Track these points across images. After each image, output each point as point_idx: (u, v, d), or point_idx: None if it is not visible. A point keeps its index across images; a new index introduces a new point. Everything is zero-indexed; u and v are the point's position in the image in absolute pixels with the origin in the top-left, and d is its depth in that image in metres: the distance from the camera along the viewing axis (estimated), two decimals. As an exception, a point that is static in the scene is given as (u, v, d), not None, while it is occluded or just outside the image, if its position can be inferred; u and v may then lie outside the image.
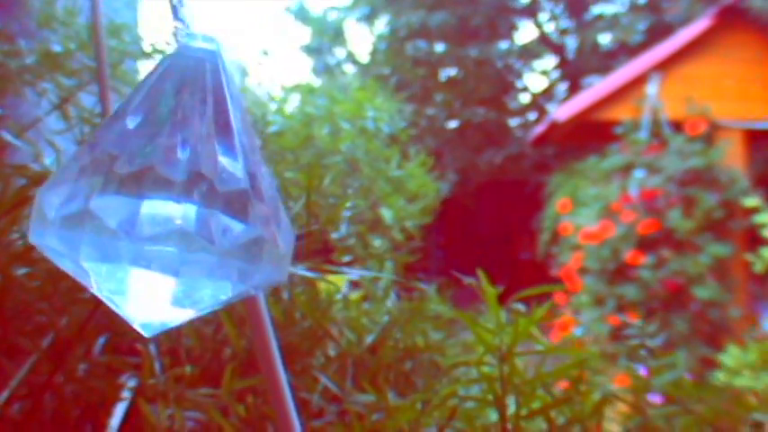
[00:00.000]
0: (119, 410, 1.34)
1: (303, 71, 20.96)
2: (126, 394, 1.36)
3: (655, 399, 1.60)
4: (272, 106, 2.35)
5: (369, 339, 1.64)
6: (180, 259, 0.66)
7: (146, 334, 0.72)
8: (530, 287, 1.47)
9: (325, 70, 20.26)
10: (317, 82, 19.89)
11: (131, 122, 0.67)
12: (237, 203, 0.69)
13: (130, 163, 0.65)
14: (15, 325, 1.36)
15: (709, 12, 10.28)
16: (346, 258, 2.14)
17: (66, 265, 0.69)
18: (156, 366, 1.33)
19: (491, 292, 1.39)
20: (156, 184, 0.65)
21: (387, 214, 2.23)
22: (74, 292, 1.36)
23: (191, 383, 1.30)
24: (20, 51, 1.67)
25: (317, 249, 1.84)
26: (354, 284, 2.19)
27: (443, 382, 1.57)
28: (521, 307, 1.55)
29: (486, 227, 18.30)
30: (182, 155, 0.66)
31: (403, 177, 2.44)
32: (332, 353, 1.62)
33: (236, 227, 0.68)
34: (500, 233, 17.86)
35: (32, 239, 0.69)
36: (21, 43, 1.70)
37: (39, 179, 1.35)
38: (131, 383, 1.37)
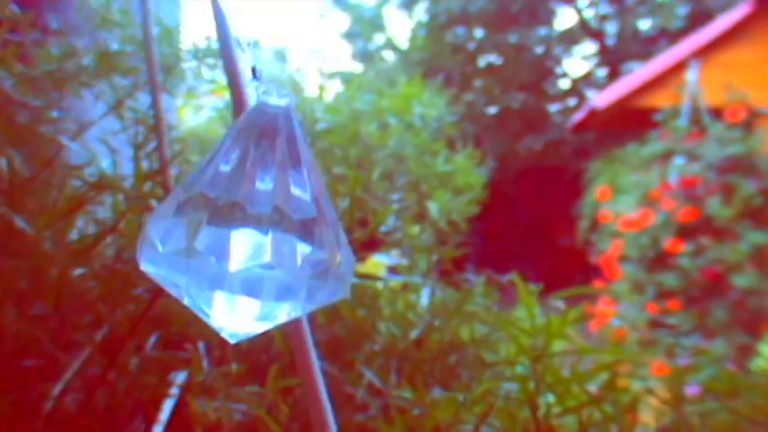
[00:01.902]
0: (168, 405, 1.41)
1: (343, 57, 21.02)
2: (175, 390, 1.43)
3: (693, 390, 1.63)
4: (320, 105, 2.40)
5: (413, 334, 1.67)
6: (262, 283, 0.79)
7: (232, 341, 0.86)
8: (569, 273, 1.53)
9: (365, 56, 20.29)
10: (356, 68, 19.94)
11: (223, 167, 0.82)
12: (307, 229, 0.82)
13: (221, 200, 0.80)
14: (73, 322, 1.43)
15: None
16: (393, 251, 2.21)
17: (171, 289, 0.83)
18: (205, 363, 1.41)
19: (527, 293, 1.44)
20: (243, 217, 0.79)
21: (433, 208, 2.29)
22: (128, 292, 1.43)
23: (237, 380, 1.35)
24: (76, 52, 1.73)
25: (364, 243, 1.91)
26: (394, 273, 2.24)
27: (485, 377, 1.61)
28: (559, 304, 1.58)
29: (526, 213, 18.28)
30: (263, 192, 0.80)
31: (450, 172, 2.49)
32: (377, 347, 1.65)
33: (307, 250, 0.81)
34: (540, 219, 17.84)
35: (144, 267, 0.82)
36: (77, 43, 1.77)
37: (96, 183, 1.43)
38: (180, 379, 1.45)
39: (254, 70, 0.89)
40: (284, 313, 0.84)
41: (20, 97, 1.51)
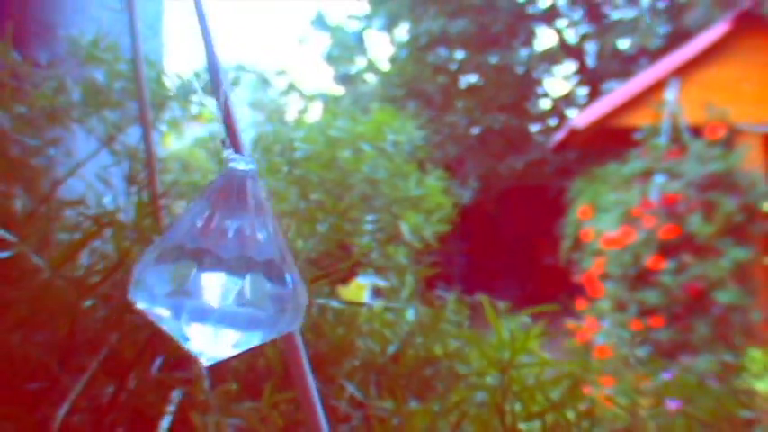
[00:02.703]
0: (166, 421, 1.49)
1: (324, 80, 21.11)
2: (174, 408, 1.51)
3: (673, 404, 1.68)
4: (297, 133, 2.45)
5: (391, 349, 1.77)
6: (232, 316, 0.96)
7: (208, 364, 1.02)
8: (553, 292, 1.62)
9: (347, 79, 20.36)
10: (338, 91, 20.01)
11: (198, 221, 0.99)
12: (270, 269, 0.99)
13: (198, 249, 0.97)
14: (85, 349, 1.49)
15: (727, 16, 10.32)
16: (369, 271, 2.28)
17: (160, 324, 0.99)
18: (205, 383, 1.49)
19: (492, 311, 1.53)
20: (216, 262, 0.96)
21: (406, 229, 2.34)
22: (134, 321, 1.51)
23: (234, 397, 1.46)
24: (66, 88, 1.77)
25: (342, 265, 1.99)
26: (377, 294, 2.32)
27: (458, 388, 1.70)
28: (528, 320, 1.69)
29: (509, 232, 18.35)
30: (232, 240, 0.98)
31: (421, 194, 2.54)
32: (357, 363, 1.75)
33: (270, 288, 0.99)
34: (523, 239, 17.91)
35: (139, 306, 0.98)
36: (67, 80, 1.80)
37: (102, 218, 1.48)
38: (179, 397, 1.52)
39: (223, 141, 1.08)
40: (253, 341, 1.00)
41: (16, 135, 1.55)
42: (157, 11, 3.19)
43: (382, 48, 19.96)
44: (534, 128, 19.00)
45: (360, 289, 2.70)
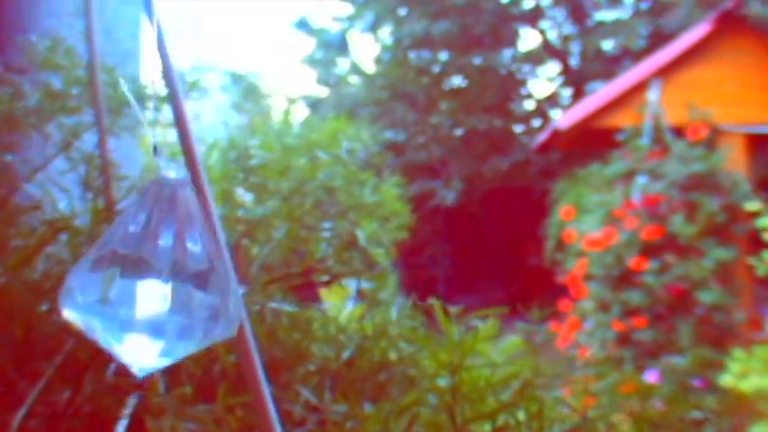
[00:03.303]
0: (122, 425, 1.50)
1: (308, 82, 21.11)
2: (130, 412, 1.51)
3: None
4: (254, 141, 2.47)
5: (345, 355, 1.78)
6: (164, 325, 0.96)
7: (139, 375, 1.01)
8: (537, 292, 1.64)
9: (330, 81, 20.36)
10: (321, 92, 19.99)
11: (132, 228, 0.98)
12: (201, 279, 0.99)
13: (129, 256, 0.97)
14: (41, 354, 1.49)
15: (709, 17, 10.35)
16: (325, 278, 2.30)
17: (89, 333, 0.98)
18: (161, 386, 1.50)
19: (442, 314, 1.54)
20: (147, 270, 0.96)
21: (361, 235, 2.35)
22: None
23: (189, 400, 1.48)
24: (23, 93, 1.77)
25: (298, 271, 2.01)
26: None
27: (411, 391, 1.72)
28: (478, 323, 1.70)
29: (494, 233, 18.37)
30: (164, 248, 0.98)
31: (377, 201, 2.57)
32: (312, 367, 1.76)
33: (202, 297, 0.99)
34: (507, 239, 17.93)
35: (65, 315, 0.98)
36: (24, 85, 1.80)
37: (56, 223, 1.48)
38: (135, 401, 1.53)
39: (155, 148, 1.06)
40: (183, 350, 1.01)
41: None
42: (135, 16, 3.19)
43: (366, 49, 19.96)
44: (518, 129, 19.04)
45: (343, 291, 2.72)
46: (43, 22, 2.58)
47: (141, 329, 0.96)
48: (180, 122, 1.16)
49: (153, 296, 0.96)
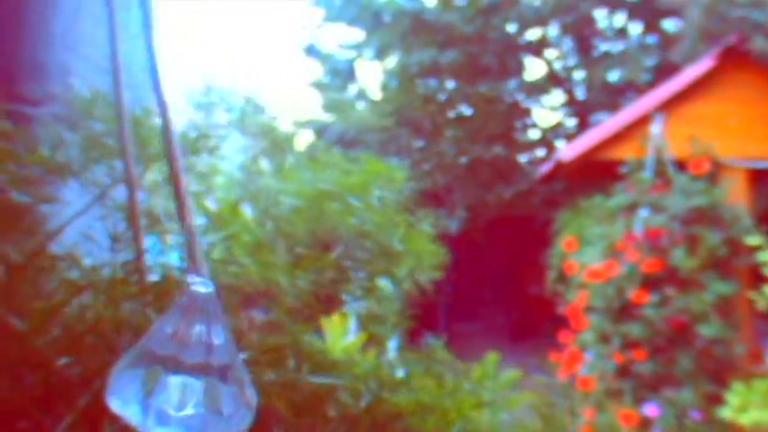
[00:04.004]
0: None
1: (314, 107, 21.12)
2: None
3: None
4: (286, 185, 2.50)
5: (363, 402, 1.82)
6: (194, 418, 1.13)
7: None
8: (538, 321, 1.65)
9: (337, 106, 20.41)
10: (328, 118, 20.03)
11: (168, 330, 1.17)
12: (224, 372, 1.17)
13: (166, 355, 1.15)
14: (62, 399, 1.56)
15: (712, 52, 10.41)
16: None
17: (134, 423, 1.14)
18: None
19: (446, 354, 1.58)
20: (180, 367, 1.14)
21: (387, 284, 2.40)
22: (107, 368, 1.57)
23: None
24: (64, 142, 1.84)
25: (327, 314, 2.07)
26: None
27: None
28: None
29: (496, 261, 18.37)
30: (193, 346, 1.16)
31: (409, 244, 2.59)
32: (333, 413, 1.79)
33: (225, 389, 1.16)
34: (509, 268, 17.93)
35: (114, 408, 1.14)
36: (66, 135, 1.87)
37: (78, 284, 1.54)
38: None
39: (188, 266, 1.31)
40: None
41: (12, 189, 1.61)
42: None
43: (373, 76, 20.00)
44: (522, 158, 19.07)
45: (344, 318, 2.76)
46: (59, 55, 2.64)
47: (175, 423, 1.12)
48: (176, 188, 1.28)
49: (185, 391, 1.14)
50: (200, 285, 1.21)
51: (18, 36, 2.56)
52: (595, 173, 10.70)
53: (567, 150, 11.43)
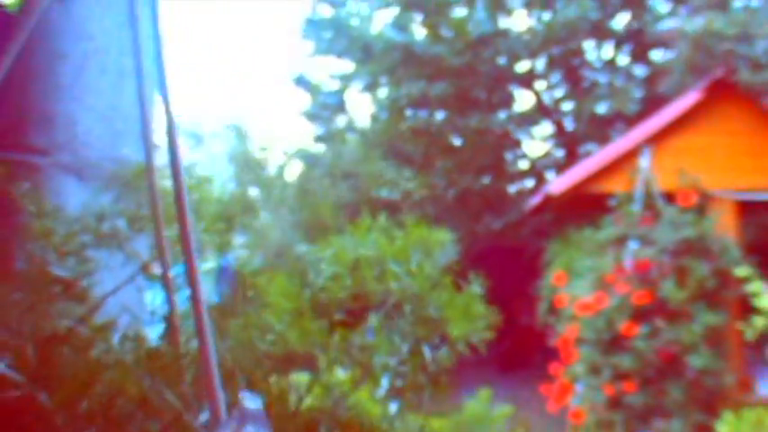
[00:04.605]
0: None
1: (305, 137, 21.14)
2: None
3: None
4: (326, 252, 2.51)
5: None
6: None
7: None
8: (529, 352, 1.68)
9: (327, 137, 20.45)
10: (318, 148, 20.07)
11: None
12: None
13: None
14: None
15: (700, 85, 10.50)
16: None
17: None
18: None
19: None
20: None
21: (427, 352, 2.43)
22: None
23: None
24: (108, 215, 1.90)
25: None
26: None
27: None
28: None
29: (487, 292, 18.38)
30: None
31: (455, 308, 2.62)
32: None
33: None
34: (500, 298, 17.94)
35: None
36: (109, 208, 1.94)
37: (106, 362, 1.61)
38: None
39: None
40: None
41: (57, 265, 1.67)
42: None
43: (363, 107, 20.06)
44: (512, 188, 19.12)
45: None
46: (65, 106, 2.70)
47: None
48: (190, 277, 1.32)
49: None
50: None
51: (26, 87, 2.63)
52: (584, 205, 10.75)
53: (556, 183, 11.50)
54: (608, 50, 18.47)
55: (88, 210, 1.93)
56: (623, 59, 18.45)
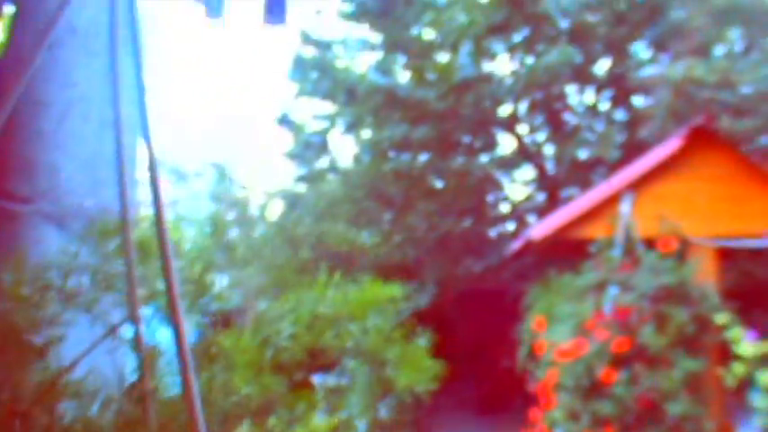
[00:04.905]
0: None
1: (286, 178, 21.12)
2: None
3: None
4: (285, 310, 2.55)
5: None
6: None
7: None
8: (509, 396, 1.68)
9: (309, 177, 20.46)
10: (300, 189, 20.07)
11: None
12: None
13: None
14: None
15: (680, 132, 10.57)
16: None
17: None
18: None
19: None
20: None
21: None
22: None
23: None
24: (74, 270, 1.89)
25: None
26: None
27: None
28: None
29: (466, 335, 18.35)
30: None
31: (405, 361, 2.64)
32: None
33: None
34: (479, 341, 17.92)
35: None
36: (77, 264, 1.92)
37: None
38: None
39: None
40: None
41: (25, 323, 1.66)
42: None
43: (345, 148, 20.05)
44: (493, 232, 19.15)
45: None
46: (48, 154, 2.70)
47: None
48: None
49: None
50: None
51: (9, 134, 2.62)
52: (565, 251, 10.78)
53: (537, 228, 11.54)
54: (590, 95, 18.59)
55: (56, 263, 1.91)
56: (605, 104, 18.57)
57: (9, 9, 3.24)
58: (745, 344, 8.89)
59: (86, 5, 2.85)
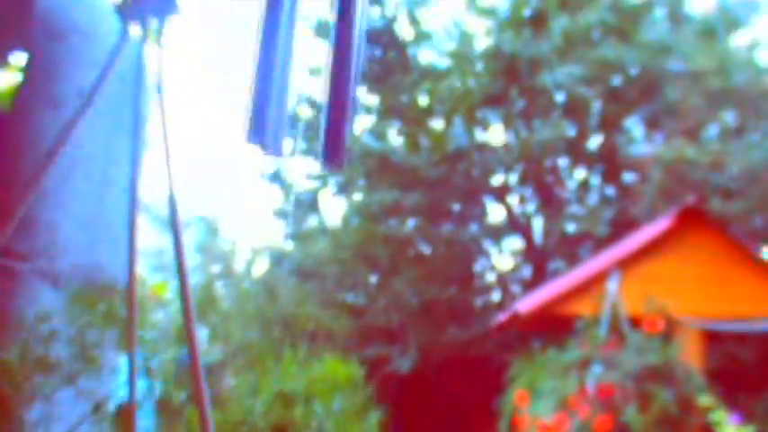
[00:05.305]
0: None
1: (274, 235, 21.11)
2: None
3: None
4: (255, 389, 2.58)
5: None
6: None
7: None
8: None
9: (297, 236, 20.45)
10: (287, 247, 20.04)
11: None
12: None
13: None
14: None
15: (671, 212, 10.61)
16: None
17: None
18: None
19: None
20: None
21: None
22: None
23: None
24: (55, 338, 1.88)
25: None
26: None
27: None
28: None
29: (447, 403, 18.23)
30: None
31: None
32: None
33: None
34: (460, 410, 17.80)
35: None
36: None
37: None
38: None
39: None
40: None
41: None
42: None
43: (335, 209, 20.04)
44: (478, 300, 19.12)
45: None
46: (49, 212, 2.69)
47: None
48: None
49: None
50: None
51: (10, 192, 2.61)
52: (551, 325, 10.77)
53: (524, 302, 11.54)
54: (581, 170, 18.68)
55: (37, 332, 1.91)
56: (596, 179, 18.66)
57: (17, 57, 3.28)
58: (729, 427, 8.85)
59: (94, 67, 2.87)
